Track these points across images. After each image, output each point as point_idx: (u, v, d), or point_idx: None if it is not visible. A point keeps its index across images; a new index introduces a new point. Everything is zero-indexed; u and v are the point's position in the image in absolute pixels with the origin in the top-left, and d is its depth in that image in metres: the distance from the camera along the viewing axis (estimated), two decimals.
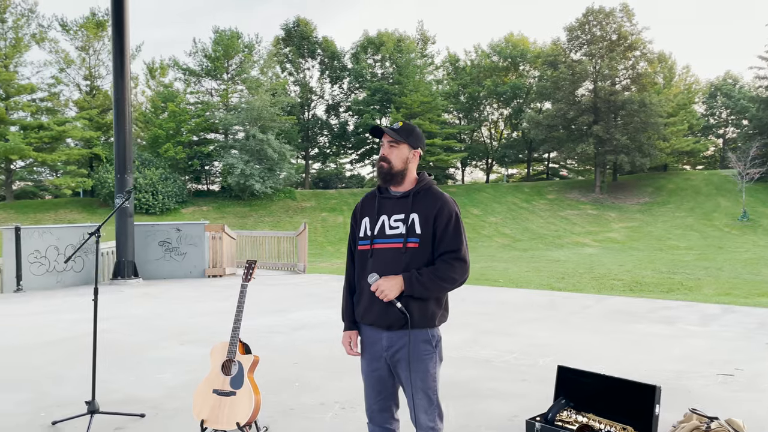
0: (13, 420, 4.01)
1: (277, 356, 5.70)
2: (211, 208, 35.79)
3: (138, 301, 9.29)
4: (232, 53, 40.02)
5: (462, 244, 2.55)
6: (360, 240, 2.68)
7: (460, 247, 2.54)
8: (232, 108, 38.91)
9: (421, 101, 42.67)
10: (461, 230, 2.58)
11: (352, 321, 2.76)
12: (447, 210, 2.57)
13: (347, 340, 2.75)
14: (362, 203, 2.76)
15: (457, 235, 2.55)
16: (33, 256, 10.80)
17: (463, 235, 2.58)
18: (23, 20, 34.51)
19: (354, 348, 2.76)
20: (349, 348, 2.75)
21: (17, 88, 33.94)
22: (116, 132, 11.63)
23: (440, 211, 2.56)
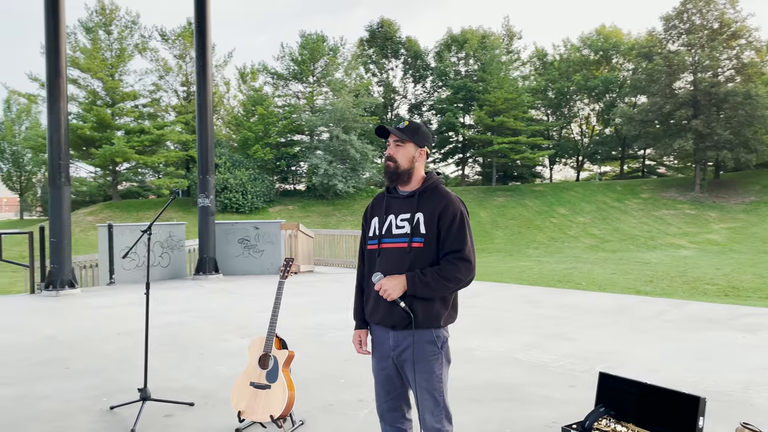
0: (78, 404, 4.33)
1: (329, 353, 5.81)
2: (296, 207, 36.91)
3: (214, 296, 9.76)
4: (318, 56, 41.03)
5: (466, 244, 2.49)
6: (369, 239, 2.68)
7: (464, 247, 2.49)
8: (317, 110, 39.91)
9: (505, 98, 41.84)
10: (466, 230, 2.52)
11: (362, 320, 2.78)
12: (451, 209, 2.52)
13: (357, 339, 2.77)
14: (372, 203, 2.77)
15: (461, 234, 2.50)
16: (123, 252, 11.59)
17: (468, 234, 2.53)
18: (127, 32, 37.17)
19: (364, 347, 2.77)
20: (358, 347, 2.77)
21: (122, 95, 36.61)
22: (199, 136, 12.25)
23: (444, 210, 2.52)
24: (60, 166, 10.03)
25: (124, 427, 3.84)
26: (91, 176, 42.10)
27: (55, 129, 10.02)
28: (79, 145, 35.63)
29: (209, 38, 12.27)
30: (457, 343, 6.02)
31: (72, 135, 35.05)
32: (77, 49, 35.70)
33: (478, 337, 6.33)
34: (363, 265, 2.76)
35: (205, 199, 12.09)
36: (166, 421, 3.98)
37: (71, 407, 4.25)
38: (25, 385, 4.79)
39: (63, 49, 10.13)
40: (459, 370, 5.09)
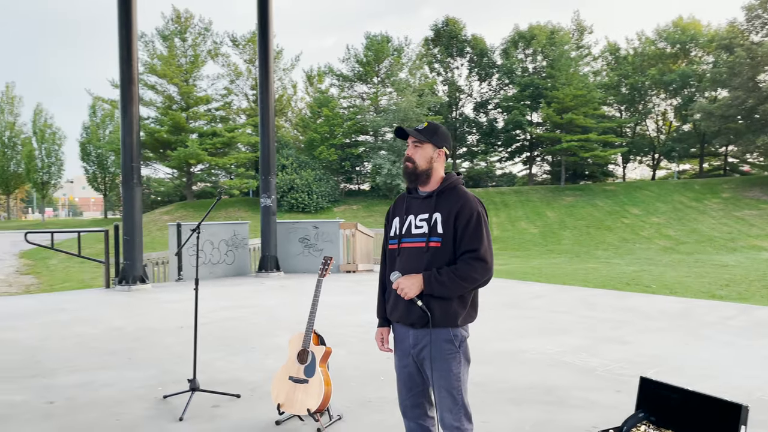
0: (135, 392, 4.60)
1: (374, 350, 5.88)
2: (360, 206, 37.33)
3: (273, 293, 10.05)
4: (382, 57, 41.33)
5: (482, 244, 2.50)
6: (390, 239, 2.74)
7: (480, 246, 2.50)
8: (381, 110, 40.21)
9: (574, 95, 40.69)
10: (482, 230, 2.53)
11: (384, 318, 2.83)
12: (468, 209, 2.54)
13: (379, 337, 2.83)
14: (394, 204, 2.83)
15: (478, 234, 2.51)
16: (193, 249, 12.12)
17: (485, 234, 2.53)
18: (200, 38, 38.78)
19: (385, 344, 2.82)
20: (380, 344, 2.82)
21: (195, 100, 38.23)
22: (261, 138, 12.65)
23: (461, 210, 2.54)
24: (132, 168, 10.61)
25: (173, 416, 4.05)
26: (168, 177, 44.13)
27: (128, 132, 10.61)
28: (156, 147, 37.49)
29: (271, 46, 12.64)
30: (507, 345, 5.98)
31: (150, 138, 36.94)
32: (155, 57, 37.56)
33: (530, 340, 6.24)
34: (386, 264, 2.81)
35: (267, 199, 12.46)
36: (213, 411, 4.16)
37: (128, 395, 4.52)
38: (91, 372, 5.14)
39: (135, 57, 10.71)
40: (503, 371, 5.06)
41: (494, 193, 40.79)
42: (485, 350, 5.81)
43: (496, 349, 5.87)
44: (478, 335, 6.45)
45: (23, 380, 4.92)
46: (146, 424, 3.92)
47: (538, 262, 24.10)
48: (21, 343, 6.37)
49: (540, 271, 20.00)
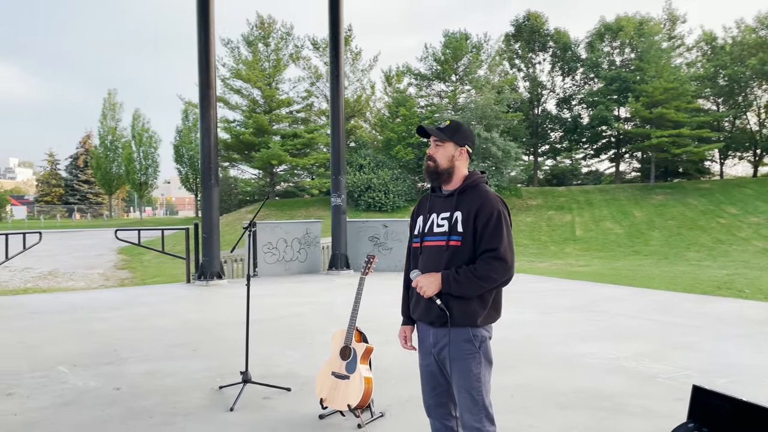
0: (195, 382, 4.83)
1: None
2: None
3: (341, 290, 10.23)
4: (461, 55, 40.96)
5: (501, 243, 2.45)
6: (414, 237, 2.74)
7: (499, 246, 2.45)
8: (459, 108, 39.84)
9: (665, 88, 38.53)
10: (502, 229, 2.47)
11: (407, 316, 2.83)
12: (488, 208, 2.49)
13: (402, 335, 2.83)
14: (419, 203, 2.83)
15: (497, 233, 2.46)
16: (266, 247, 12.56)
17: (505, 233, 2.48)
18: (282, 43, 40.02)
19: (408, 342, 2.82)
20: (403, 342, 2.82)
21: (278, 102, 39.50)
22: (332, 139, 12.89)
23: (481, 208, 2.50)
24: (210, 169, 11.13)
25: (225, 406, 4.23)
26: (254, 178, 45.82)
27: (206, 135, 11.13)
28: (241, 149, 39.05)
29: (341, 49, 12.87)
30: (567, 349, 5.79)
31: (235, 140, 38.54)
32: (240, 62, 39.13)
33: (593, 344, 6.01)
34: (410, 262, 2.81)
35: (337, 198, 12.69)
36: (263, 403, 4.31)
37: (188, 385, 4.76)
38: (156, 362, 5.45)
39: (212, 63, 11.22)
40: (558, 375, 4.90)
41: (578, 192, 39.39)
42: (543, 353, 5.66)
43: (554, 352, 5.70)
44: (539, 337, 6.29)
45: (99, 367, 5.29)
46: (199, 412, 4.12)
47: (622, 264, 23.05)
48: (103, 333, 6.85)
49: (623, 273, 19.12)
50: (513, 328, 6.77)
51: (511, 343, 6.04)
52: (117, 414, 4.09)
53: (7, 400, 4.38)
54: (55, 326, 7.25)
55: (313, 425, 3.89)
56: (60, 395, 4.50)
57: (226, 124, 40.36)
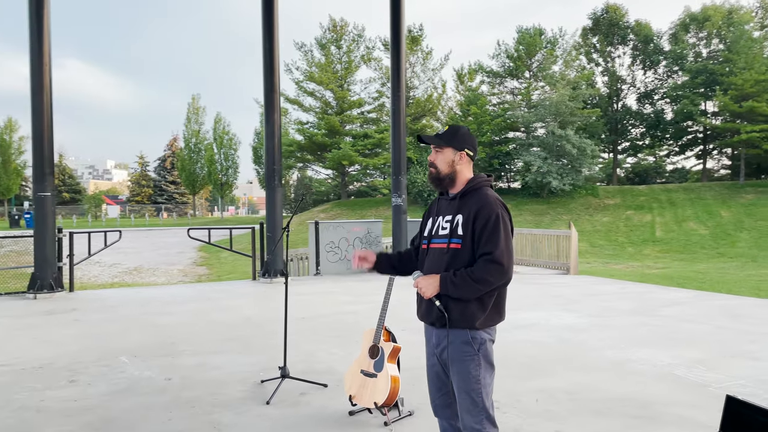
0: (239, 376, 5.06)
1: None
2: (510, 205, 36.46)
3: (397, 290, 10.27)
4: (534, 50, 40.07)
5: (497, 247, 2.45)
6: (423, 239, 2.79)
7: (494, 249, 2.46)
8: (533, 105, 38.99)
9: (756, 80, 36.05)
10: (500, 232, 2.48)
11: (382, 258, 2.95)
12: (486, 211, 2.51)
13: (359, 254, 2.90)
14: (431, 205, 2.89)
15: (494, 237, 2.47)
16: (329, 246, 12.84)
17: (502, 237, 2.48)
18: (354, 45, 40.66)
19: (356, 261, 2.89)
20: (354, 259, 2.89)
21: (349, 104, 40.19)
22: (392, 139, 13.00)
23: (479, 211, 2.52)
24: (274, 170, 11.51)
25: (263, 399, 4.41)
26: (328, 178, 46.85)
27: (270, 138, 11.52)
28: (314, 150, 40.03)
29: (403, 50, 12.95)
30: (616, 354, 5.61)
31: (308, 141, 39.53)
32: (312, 65, 40.10)
33: (644, 349, 5.78)
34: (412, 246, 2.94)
35: (397, 198, 12.79)
36: (299, 398, 4.46)
37: (232, 378, 4.98)
38: (207, 356, 5.73)
39: (277, 68, 11.59)
40: (601, 381, 4.78)
41: (659, 191, 37.56)
42: (590, 357, 5.51)
43: (603, 356, 5.53)
44: (590, 341, 6.12)
45: (155, 358, 5.64)
46: (237, 404, 4.32)
47: (704, 266, 21.82)
48: (166, 326, 7.27)
49: (703, 276, 18.11)
50: (560, 331, 6.62)
51: (553, 347, 5.92)
52: (162, 402, 4.36)
53: (70, 387, 4.76)
54: (126, 319, 7.76)
55: (342, 421, 3.99)
56: (116, 383, 4.84)
57: (299, 126, 41.48)
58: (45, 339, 6.55)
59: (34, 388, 4.70)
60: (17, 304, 8.99)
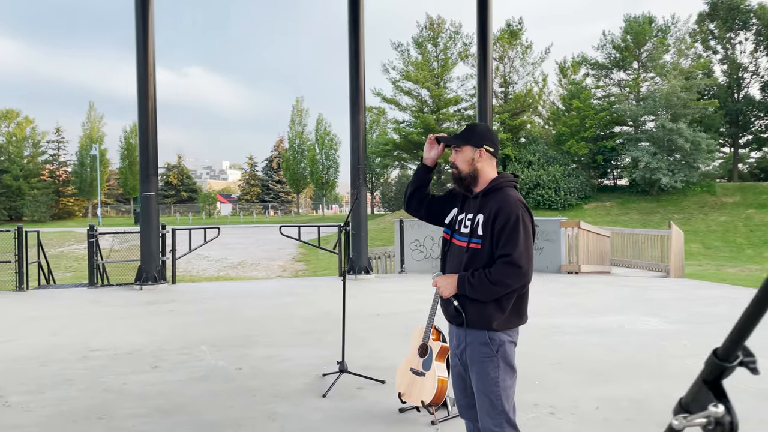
0: (304, 369, 5.24)
1: (546, 354, 5.66)
2: (614, 203, 34.79)
3: None
4: (644, 40, 37.84)
5: (515, 249, 2.40)
6: (446, 226, 2.76)
7: (513, 251, 2.41)
8: (642, 98, 36.85)
9: None
10: (519, 234, 2.42)
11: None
12: (505, 212, 2.46)
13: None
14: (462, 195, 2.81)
15: (512, 238, 2.42)
16: (414, 244, 12.92)
17: (521, 239, 2.42)
18: (451, 42, 40.41)
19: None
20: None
21: (445, 101, 40.02)
22: None
23: (499, 212, 2.48)
24: (359, 170, 11.75)
25: (320, 392, 4.55)
26: None
27: (355, 138, 11.78)
28: (410, 148, 40.28)
29: (489, 46, 12.77)
30: (699, 363, 5.21)
31: (404, 140, 39.83)
32: (409, 63, 40.33)
33: None
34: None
35: None
36: (355, 393, 4.56)
37: (298, 370, 5.18)
38: (280, 348, 5.99)
39: (362, 71, 11.81)
40: (674, 390, 4.48)
41: None
42: (666, 365, 5.17)
43: (681, 365, 5.18)
44: (671, 348, 5.75)
45: (232, 349, 5.98)
46: (295, 395, 4.49)
47: None
48: (248, 319, 7.67)
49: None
50: (641, 336, 6.26)
51: (628, 353, 5.61)
52: (228, 390, 4.62)
53: (152, 372, 5.16)
54: (215, 311, 8.27)
55: (391, 418, 4.04)
56: (193, 371, 5.19)
57: (395, 125, 41.87)
58: (140, 327, 7.13)
59: (120, 372, 5.15)
60: (125, 295, 9.83)
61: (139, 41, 10.52)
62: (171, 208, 67.54)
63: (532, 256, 2.47)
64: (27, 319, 7.83)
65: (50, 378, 4.99)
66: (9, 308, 8.68)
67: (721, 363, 0.87)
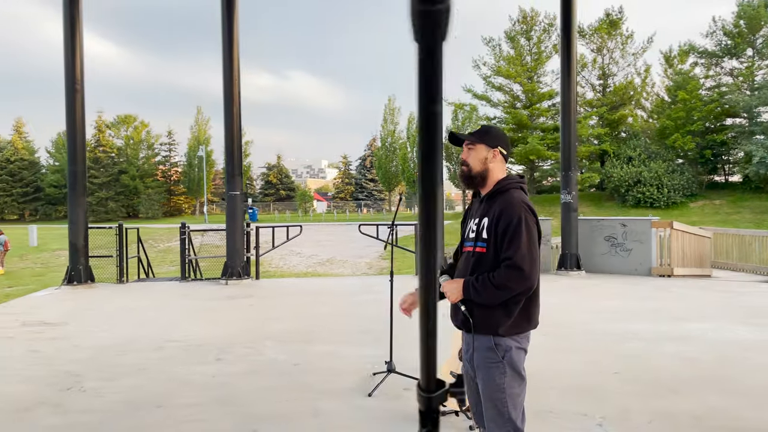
0: (357, 366, 5.31)
1: (611, 361, 5.38)
2: (724, 201, 32.25)
3: (563, 292, 9.81)
4: (758, 25, 34.74)
5: (517, 252, 2.34)
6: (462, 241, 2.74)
7: (514, 255, 2.35)
8: (757, 87, 33.88)
9: None
10: (521, 236, 2.35)
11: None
12: (508, 213, 2.40)
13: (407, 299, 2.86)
14: (468, 207, 2.81)
15: (515, 241, 2.37)
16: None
17: (524, 241, 2.35)
18: (545, 35, 39.09)
19: (403, 306, 2.84)
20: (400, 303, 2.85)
21: (538, 96, 38.78)
22: (562, 133, 12.35)
23: (501, 214, 2.43)
24: None
25: (367, 391, 4.60)
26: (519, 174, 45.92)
27: None
28: None
29: (573, 36, 12.24)
30: None
31: None
32: (500, 59, 39.48)
33: None
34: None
35: (567, 195, 12.15)
36: (401, 393, 4.56)
37: (351, 368, 5.26)
38: (339, 345, 6.10)
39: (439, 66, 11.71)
40: (746, 409, 4.13)
41: None
42: (745, 380, 4.75)
43: (763, 380, 4.74)
44: (756, 360, 5.29)
45: (293, 344, 6.17)
46: (342, 393, 4.57)
47: None
48: (318, 315, 7.87)
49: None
50: (724, 346, 5.78)
51: (705, 364, 5.20)
52: (281, 385, 4.78)
53: (215, 364, 5.44)
54: (289, 307, 8.55)
55: None
56: (252, 364, 5.41)
57: (486, 121, 41.17)
58: (216, 320, 7.53)
59: (188, 363, 5.47)
60: (211, 289, 10.40)
61: (225, 48, 11.06)
62: (270, 206, 70.49)
63: (537, 258, 2.40)
64: (121, 310, 8.48)
65: (126, 366, 5.39)
66: (109, 299, 9.44)
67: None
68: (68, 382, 4.88)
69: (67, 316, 7.84)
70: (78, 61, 10.71)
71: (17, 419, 4.04)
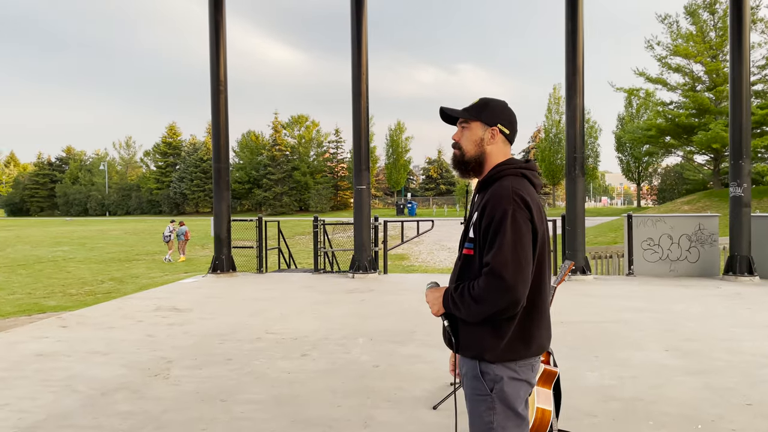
0: (437, 373, 4.89)
1: (743, 388, 4.36)
2: None
3: (714, 300, 8.39)
4: None
5: (497, 255, 1.83)
6: None
7: (493, 259, 1.84)
8: None
9: None
10: (505, 236, 1.84)
11: None
12: (491, 207, 1.90)
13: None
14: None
15: (497, 241, 1.86)
16: (646, 243, 11.27)
17: (507, 242, 1.83)
18: None
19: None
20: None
21: (723, 77, 33.92)
22: (731, 114, 10.60)
23: (485, 208, 1.92)
24: (575, 159, 10.69)
25: (434, 402, 4.19)
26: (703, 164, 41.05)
27: (571, 124, 10.73)
28: (678, 133, 35.32)
29: (746, 9, 10.41)
30: None
31: (670, 124, 35.17)
32: (678, 36, 35.36)
33: None
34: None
35: (737, 188, 10.41)
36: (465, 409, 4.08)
37: (430, 375, 4.87)
38: (428, 348, 5.71)
39: (580, 47, 10.68)
40: None
41: None
42: None
43: None
44: None
45: (384, 344, 5.91)
46: (406, 402, 4.21)
47: None
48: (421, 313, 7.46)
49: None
50: None
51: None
52: (349, 388, 4.54)
53: (296, 360, 5.37)
54: (400, 304, 8.32)
55: None
56: (334, 363, 5.25)
57: (661, 107, 37.32)
58: (323, 314, 7.53)
59: (272, 357, 5.47)
60: (337, 282, 10.53)
61: (354, 47, 11.14)
62: (429, 200, 71.10)
63: (525, 264, 1.84)
64: (245, 299, 8.89)
65: (217, 356, 5.53)
66: (241, 288, 9.97)
67: None
68: (159, 368, 5.11)
69: (195, 303, 8.39)
70: (222, 63, 11.48)
71: (89, 404, 4.27)
